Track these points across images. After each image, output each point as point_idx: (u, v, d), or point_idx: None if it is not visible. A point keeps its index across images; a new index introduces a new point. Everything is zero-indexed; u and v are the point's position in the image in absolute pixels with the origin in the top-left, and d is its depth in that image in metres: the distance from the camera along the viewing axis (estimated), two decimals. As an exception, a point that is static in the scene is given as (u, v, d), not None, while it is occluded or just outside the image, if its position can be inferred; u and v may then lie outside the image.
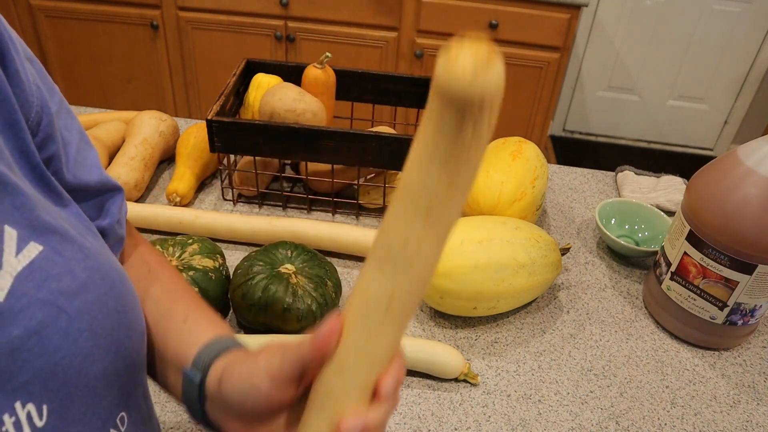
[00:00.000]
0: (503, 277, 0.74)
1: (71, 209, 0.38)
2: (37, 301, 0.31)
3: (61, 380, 0.32)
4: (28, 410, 0.31)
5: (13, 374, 0.30)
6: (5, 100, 0.34)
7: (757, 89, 2.77)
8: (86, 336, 0.33)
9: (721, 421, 0.71)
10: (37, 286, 0.31)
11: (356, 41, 2.09)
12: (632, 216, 0.96)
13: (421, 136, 0.32)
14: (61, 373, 0.32)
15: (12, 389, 0.30)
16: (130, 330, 0.38)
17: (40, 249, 0.32)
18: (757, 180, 0.68)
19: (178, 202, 0.94)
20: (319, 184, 0.98)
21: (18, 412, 0.30)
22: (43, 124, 0.37)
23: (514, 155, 0.89)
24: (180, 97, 2.30)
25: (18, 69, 0.35)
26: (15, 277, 0.31)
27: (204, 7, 2.06)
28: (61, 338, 0.32)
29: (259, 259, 0.75)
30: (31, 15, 2.13)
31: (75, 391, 0.33)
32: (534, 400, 0.71)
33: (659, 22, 2.62)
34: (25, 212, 0.33)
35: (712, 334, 0.78)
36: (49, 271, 0.32)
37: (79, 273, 0.34)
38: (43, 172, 0.36)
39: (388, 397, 0.35)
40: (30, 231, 0.32)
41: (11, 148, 0.34)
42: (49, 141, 0.37)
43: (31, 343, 0.30)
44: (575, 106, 2.93)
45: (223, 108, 0.91)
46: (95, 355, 0.34)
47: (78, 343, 0.33)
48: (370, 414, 0.35)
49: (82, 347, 0.33)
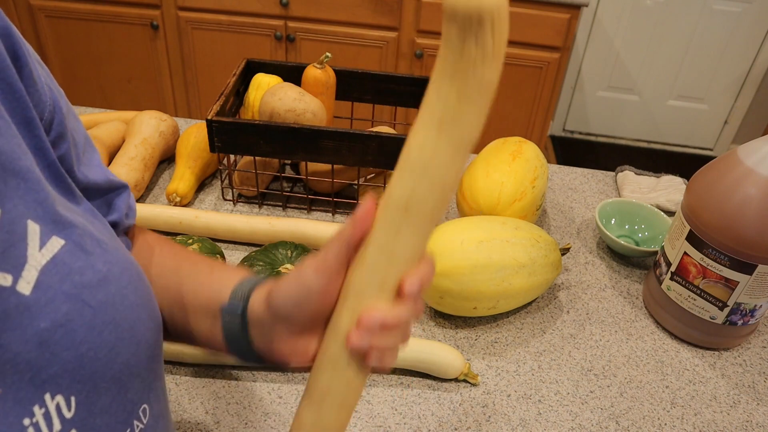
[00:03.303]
0: (503, 277, 0.74)
1: (85, 206, 0.39)
2: (62, 294, 0.32)
3: (87, 372, 0.33)
4: (57, 402, 0.31)
5: (42, 366, 0.31)
6: (20, 99, 0.34)
7: (757, 89, 2.77)
8: (110, 328, 0.34)
9: (721, 421, 0.71)
10: (61, 279, 0.32)
11: (356, 41, 2.09)
12: (632, 216, 0.96)
13: (437, 59, 0.35)
14: (88, 365, 0.33)
15: (41, 381, 0.31)
16: (151, 322, 0.38)
17: (62, 243, 0.33)
18: (757, 180, 0.68)
19: (178, 202, 0.94)
20: (319, 184, 0.98)
21: (48, 403, 0.31)
22: (55, 123, 0.37)
23: (514, 155, 0.89)
24: (180, 97, 2.30)
25: (31, 69, 0.36)
26: (40, 270, 0.31)
27: (204, 7, 2.06)
28: (87, 331, 0.33)
29: (259, 259, 0.75)
30: (31, 15, 2.13)
31: (101, 382, 0.34)
32: (534, 400, 0.71)
33: (659, 22, 2.62)
34: (47, 207, 0.33)
35: (712, 334, 0.78)
36: (72, 264, 0.33)
37: (100, 267, 0.35)
38: (58, 169, 0.37)
39: (411, 296, 0.37)
40: (52, 225, 0.33)
41: (28, 145, 0.35)
42: (62, 140, 0.38)
43: (57, 336, 0.31)
44: (575, 106, 2.93)
45: (223, 108, 0.91)
46: (119, 347, 0.35)
47: (103, 335, 0.33)
48: (392, 311, 0.36)
49: (106, 339, 0.34)
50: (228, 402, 0.68)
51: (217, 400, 0.68)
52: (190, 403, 0.67)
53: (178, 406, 0.67)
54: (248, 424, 0.65)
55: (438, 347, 0.71)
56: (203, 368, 0.71)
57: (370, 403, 0.69)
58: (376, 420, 0.67)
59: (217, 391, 0.69)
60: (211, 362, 0.71)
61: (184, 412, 0.66)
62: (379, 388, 0.71)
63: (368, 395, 0.70)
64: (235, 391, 0.69)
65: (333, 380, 0.39)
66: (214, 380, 0.70)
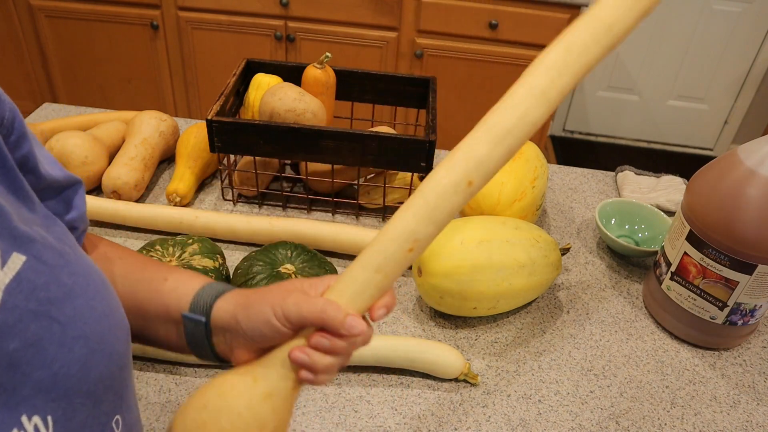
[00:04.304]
0: (503, 277, 0.74)
1: (41, 212, 0.38)
2: (29, 313, 0.31)
3: (61, 390, 0.32)
4: (35, 423, 0.31)
5: (15, 388, 0.30)
6: None
7: (757, 89, 2.77)
8: (81, 343, 0.33)
9: (721, 421, 0.71)
10: (26, 297, 0.31)
11: (356, 41, 2.09)
12: (632, 216, 0.96)
13: None
14: (61, 383, 0.32)
15: (16, 403, 0.30)
16: (120, 331, 0.38)
17: (24, 259, 0.32)
18: (757, 180, 0.68)
19: (178, 202, 0.94)
20: (319, 184, 0.98)
21: (25, 425, 0.30)
22: (16, 122, 0.36)
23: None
24: (180, 97, 2.30)
25: None
26: (3, 290, 0.30)
27: (204, 7, 2.06)
28: (57, 348, 0.32)
29: (259, 259, 0.75)
30: (31, 15, 2.13)
31: (75, 398, 0.33)
32: (534, 400, 0.71)
33: (659, 22, 2.62)
34: (5, 223, 0.32)
35: (712, 334, 0.78)
36: (36, 281, 0.32)
37: (65, 280, 0.34)
38: (16, 176, 0.36)
39: (376, 320, 0.43)
40: (11, 242, 0.32)
41: None
42: (23, 139, 0.37)
43: (28, 356, 0.30)
44: (575, 106, 2.93)
45: (223, 108, 0.91)
46: (91, 361, 0.34)
47: (74, 351, 0.33)
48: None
49: (78, 355, 0.33)
50: (228, 402, 0.68)
51: (217, 400, 0.68)
52: (190, 403, 0.67)
53: (178, 406, 0.67)
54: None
55: (438, 347, 0.71)
56: (203, 368, 0.71)
57: (370, 403, 0.69)
58: (376, 420, 0.67)
59: (217, 391, 0.69)
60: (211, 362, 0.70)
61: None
62: (379, 388, 0.71)
63: (368, 395, 0.70)
64: (235, 391, 0.69)
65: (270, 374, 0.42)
66: (214, 380, 0.70)
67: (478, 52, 2.04)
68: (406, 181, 0.96)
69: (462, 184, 0.41)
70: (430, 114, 0.93)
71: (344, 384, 0.71)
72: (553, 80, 0.41)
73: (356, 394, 0.70)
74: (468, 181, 0.41)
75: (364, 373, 0.72)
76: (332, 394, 0.69)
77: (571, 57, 0.41)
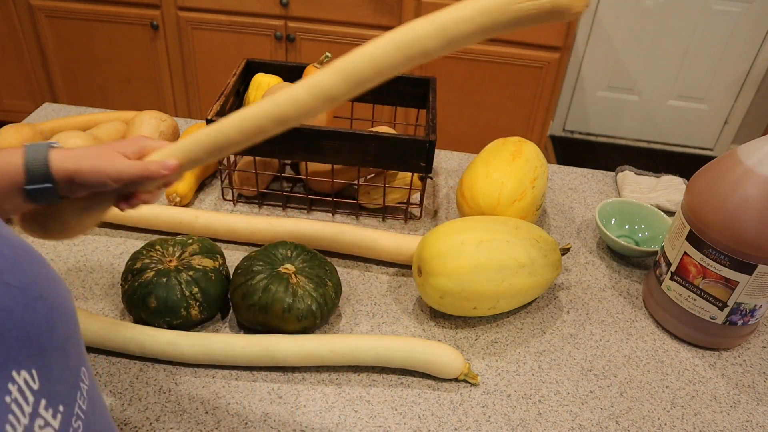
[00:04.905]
0: (503, 277, 0.74)
1: None
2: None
3: (36, 346, 0.35)
4: (24, 377, 0.33)
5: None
6: None
7: (757, 89, 2.77)
8: (40, 303, 0.36)
9: (721, 421, 0.71)
10: None
11: (356, 41, 2.09)
12: (632, 216, 0.96)
13: None
14: (35, 340, 0.35)
15: (5, 360, 0.32)
16: (66, 292, 0.41)
17: None
18: (757, 180, 0.68)
19: (178, 202, 0.94)
20: (319, 184, 0.98)
21: (17, 379, 0.33)
22: None
23: (514, 155, 0.89)
24: (180, 97, 2.30)
25: None
26: None
27: (204, 7, 2.06)
28: (23, 310, 0.34)
29: (259, 259, 0.75)
30: (31, 15, 2.13)
31: (49, 352, 0.36)
32: (534, 400, 0.71)
33: (659, 22, 2.62)
34: None
35: (712, 334, 0.78)
36: None
37: (7, 253, 0.36)
38: None
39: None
40: None
41: None
42: None
43: (0, 318, 0.32)
44: (575, 106, 2.93)
45: (223, 108, 0.91)
46: (53, 319, 0.37)
47: (36, 310, 0.35)
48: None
49: (41, 314, 0.35)
50: (228, 402, 0.68)
51: (217, 400, 0.68)
52: (190, 403, 0.67)
53: (178, 406, 0.67)
54: (248, 424, 0.65)
55: (438, 347, 0.71)
56: (203, 368, 0.71)
57: (370, 403, 0.69)
58: (376, 420, 0.67)
59: (217, 391, 0.69)
60: (211, 362, 0.71)
61: (184, 412, 0.66)
62: (379, 388, 0.71)
63: (368, 395, 0.70)
64: (235, 391, 0.69)
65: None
66: (214, 380, 0.70)
67: (478, 52, 2.04)
68: (406, 181, 0.96)
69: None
70: (430, 114, 0.93)
71: (344, 384, 0.71)
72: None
73: (356, 394, 0.70)
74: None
75: (364, 373, 0.72)
76: (332, 394, 0.69)
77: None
